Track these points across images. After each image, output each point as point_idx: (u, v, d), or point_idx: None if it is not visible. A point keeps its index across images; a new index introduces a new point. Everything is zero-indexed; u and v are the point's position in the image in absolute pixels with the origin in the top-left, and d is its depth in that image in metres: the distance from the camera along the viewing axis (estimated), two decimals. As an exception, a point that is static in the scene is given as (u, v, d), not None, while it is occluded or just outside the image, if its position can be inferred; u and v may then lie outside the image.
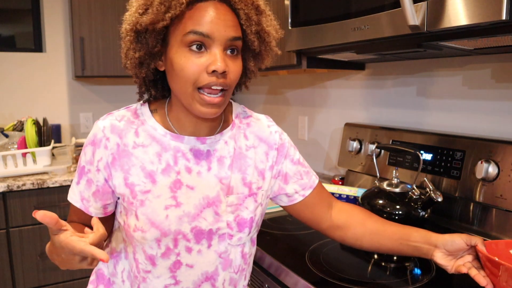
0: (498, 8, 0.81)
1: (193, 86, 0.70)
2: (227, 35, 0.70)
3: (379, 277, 0.91)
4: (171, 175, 0.77)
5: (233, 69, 0.72)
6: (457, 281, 0.90)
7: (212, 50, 0.70)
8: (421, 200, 1.14)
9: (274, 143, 0.88)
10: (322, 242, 1.11)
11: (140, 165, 0.76)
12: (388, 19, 1.05)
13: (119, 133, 0.77)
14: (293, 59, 1.56)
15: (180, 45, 0.70)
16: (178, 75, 0.71)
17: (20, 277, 1.93)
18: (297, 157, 0.93)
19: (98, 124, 0.78)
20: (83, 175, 0.79)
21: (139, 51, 0.72)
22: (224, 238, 0.80)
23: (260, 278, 1.08)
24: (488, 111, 1.28)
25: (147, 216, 0.75)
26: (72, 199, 0.80)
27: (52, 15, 2.59)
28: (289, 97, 2.30)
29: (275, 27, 0.79)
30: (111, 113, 0.79)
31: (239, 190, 0.81)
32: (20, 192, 1.89)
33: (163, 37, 0.72)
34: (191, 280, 0.80)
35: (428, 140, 1.34)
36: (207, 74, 0.70)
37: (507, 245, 0.87)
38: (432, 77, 1.45)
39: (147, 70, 0.75)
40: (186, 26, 0.69)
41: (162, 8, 0.67)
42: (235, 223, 0.80)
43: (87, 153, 0.78)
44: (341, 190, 1.47)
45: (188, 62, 0.69)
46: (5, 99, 2.51)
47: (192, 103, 0.72)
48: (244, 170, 0.83)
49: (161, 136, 0.78)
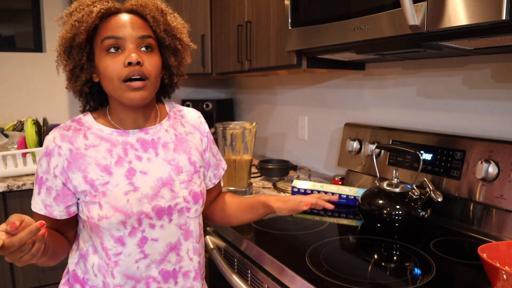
0: (498, 8, 0.81)
1: (118, 80, 0.84)
2: (136, 34, 0.85)
3: (379, 277, 0.91)
4: (124, 165, 0.89)
5: (148, 61, 0.86)
6: (457, 281, 0.90)
7: (126, 49, 0.85)
8: (421, 200, 1.14)
9: (204, 132, 1.05)
10: (322, 242, 1.11)
11: (95, 162, 0.87)
12: (388, 19, 1.04)
13: (69, 140, 0.87)
14: (293, 59, 1.56)
15: (101, 51, 0.85)
16: (105, 75, 0.85)
17: (20, 277, 1.93)
18: (215, 150, 1.10)
19: (48, 137, 0.88)
20: (42, 185, 0.88)
21: (69, 65, 0.87)
22: (183, 212, 0.93)
23: (260, 278, 1.08)
24: (488, 111, 1.28)
25: (110, 204, 0.85)
26: (36, 208, 0.89)
27: (52, 15, 2.59)
28: (289, 97, 2.30)
29: (181, 23, 0.95)
30: (58, 127, 0.90)
31: (187, 169, 0.95)
32: (20, 192, 1.89)
33: (88, 51, 0.87)
34: (157, 252, 0.90)
35: (428, 140, 1.34)
36: (125, 68, 0.84)
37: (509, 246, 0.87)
38: (432, 77, 1.44)
39: (81, 83, 0.89)
40: (102, 35, 0.85)
41: (77, 23, 0.84)
42: (190, 197, 0.94)
43: (42, 164, 0.87)
44: (341, 190, 1.47)
45: (110, 62, 0.84)
46: (5, 99, 2.51)
47: (122, 94, 0.85)
48: (188, 151, 0.97)
49: (109, 135, 0.91)
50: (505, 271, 0.74)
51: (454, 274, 0.93)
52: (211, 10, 2.26)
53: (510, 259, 0.86)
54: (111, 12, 0.86)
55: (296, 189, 1.53)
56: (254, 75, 2.45)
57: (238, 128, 1.62)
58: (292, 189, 1.54)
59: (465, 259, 1.01)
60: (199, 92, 3.06)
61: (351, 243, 1.11)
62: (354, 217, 1.34)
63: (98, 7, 0.85)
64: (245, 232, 1.20)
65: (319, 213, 1.38)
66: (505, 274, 0.74)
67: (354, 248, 1.08)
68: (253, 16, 1.85)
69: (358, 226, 1.25)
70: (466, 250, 1.07)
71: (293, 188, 1.53)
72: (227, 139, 1.64)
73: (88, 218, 0.87)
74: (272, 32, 1.71)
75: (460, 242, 1.13)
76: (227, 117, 2.86)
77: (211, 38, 2.28)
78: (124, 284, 0.88)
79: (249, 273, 1.14)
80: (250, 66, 1.91)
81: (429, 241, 1.13)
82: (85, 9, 0.85)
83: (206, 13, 2.26)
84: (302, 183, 1.53)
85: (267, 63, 1.76)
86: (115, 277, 0.88)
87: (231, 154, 1.64)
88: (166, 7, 0.93)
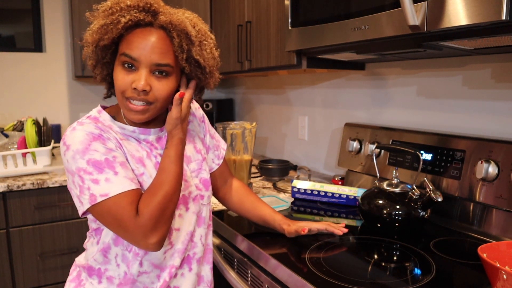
0: (498, 8, 0.81)
1: (122, 95, 0.85)
2: (152, 61, 0.83)
3: (379, 277, 0.91)
4: (152, 159, 0.92)
5: (158, 87, 0.85)
6: (457, 281, 0.90)
7: (139, 71, 0.83)
8: (421, 200, 1.14)
9: (200, 117, 1.09)
10: (322, 242, 1.11)
11: (130, 153, 0.88)
12: (388, 19, 1.04)
13: (104, 130, 0.86)
14: (293, 59, 1.56)
15: (118, 61, 0.85)
16: (115, 85, 0.86)
17: (20, 277, 1.93)
18: (212, 131, 1.12)
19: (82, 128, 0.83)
20: (113, 164, 0.82)
21: (91, 60, 0.88)
22: (197, 200, 0.98)
23: (260, 278, 1.08)
24: (488, 111, 1.28)
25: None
26: (125, 187, 0.80)
27: (52, 15, 2.59)
28: (289, 97, 2.30)
29: (212, 55, 0.90)
30: (82, 122, 0.86)
31: (195, 157, 1.00)
32: (20, 192, 1.89)
33: (113, 50, 0.87)
34: (180, 241, 0.94)
35: (428, 140, 1.34)
36: (131, 89, 0.84)
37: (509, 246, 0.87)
38: (432, 77, 1.44)
39: (101, 76, 0.91)
40: (122, 48, 0.84)
41: (102, 30, 0.83)
42: (201, 184, 1.00)
43: (98, 148, 0.81)
44: (341, 190, 1.47)
45: (120, 76, 0.84)
46: (5, 99, 2.51)
47: (124, 109, 0.87)
48: (192, 140, 1.02)
49: (131, 133, 0.92)
50: (505, 271, 0.74)
51: (454, 274, 0.93)
52: (211, 10, 2.26)
53: (510, 259, 0.86)
54: (140, 25, 0.83)
55: (296, 189, 1.53)
56: (254, 75, 2.45)
57: (238, 128, 1.62)
58: (292, 189, 1.54)
59: (465, 259, 1.01)
60: (199, 92, 3.06)
61: (351, 243, 1.11)
62: (354, 217, 1.34)
63: (126, 18, 0.81)
64: (245, 232, 1.20)
65: (319, 213, 1.38)
66: (505, 274, 0.74)
67: (354, 248, 1.08)
68: (253, 16, 1.85)
69: (358, 226, 1.25)
70: (466, 250, 1.07)
71: (293, 188, 1.53)
72: (227, 139, 1.64)
73: None
74: (272, 32, 1.71)
75: (460, 242, 1.13)
76: (227, 117, 2.86)
77: (211, 38, 2.28)
78: (150, 272, 0.92)
79: (249, 273, 1.14)
80: (250, 66, 1.91)
81: (429, 241, 1.13)
82: (116, 15, 0.82)
83: (206, 13, 2.26)
84: (302, 183, 1.53)
85: (267, 63, 1.76)
86: (143, 265, 0.90)
87: (231, 154, 1.64)
88: (197, 34, 0.86)
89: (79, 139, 0.81)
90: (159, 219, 0.80)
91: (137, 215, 0.80)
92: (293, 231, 1.09)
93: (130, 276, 0.91)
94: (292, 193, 1.55)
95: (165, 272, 0.93)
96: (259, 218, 1.15)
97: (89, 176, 0.79)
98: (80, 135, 0.81)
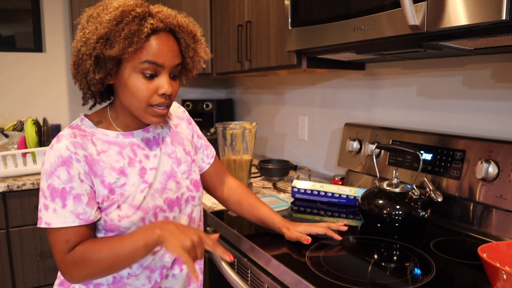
0: (498, 8, 0.81)
1: (146, 104, 0.86)
2: (174, 63, 0.86)
3: (379, 277, 0.91)
4: (135, 165, 0.92)
5: (175, 89, 0.90)
6: (457, 281, 0.90)
7: (161, 76, 0.85)
8: (421, 200, 1.14)
9: (187, 119, 1.11)
10: (322, 242, 1.11)
11: (109, 166, 0.88)
12: (388, 19, 1.04)
13: (82, 146, 0.86)
14: (293, 59, 1.56)
15: (135, 70, 0.83)
16: (133, 94, 0.85)
17: (20, 277, 1.93)
18: (199, 132, 1.14)
19: (56, 147, 0.83)
20: (66, 196, 0.83)
21: (98, 73, 0.83)
22: (189, 201, 1.00)
23: (260, 278, 1.08)
24: (488, 111, 1.28)
25: (129, 203, 0.88)
26: (66, 222, 0.83)
27: (52, 15, 2.59)
28: (289, 97, 2.30)
29: (205, 51, 0.96)
30: (61, 136, 0.86)
31: (185, 159, 1.01)
32: (20, 192, 1.89)
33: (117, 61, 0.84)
34: None
35: (428, 140, 1.34)
36: (157, 95, 0.86)
37: (509, 246, 0.87)
38: (432, 77, 1.45)
39: (101, 86, 0.87)
40: (142, 55, 0.82)
41: (126, 43, 0.79)
42: (192, 185, 1.01)
43: (61, 175, 0.82)
44: (341, 190, 1.47)
45: (143, 86, 0.84)
46: (5, 99, 2.51)
47: (144, 115, 0.88)
48: (182, 143, 1.03)
49: (115, 139, 0.92)
50: (505, 271, 0.74)
51: (454, 274, 0.93)
52: (211, 10, 2.26)
53: (510, 259, 0.86)
54: (156, 31, 0.83)
55: (296, 189, 1.53)
56: (254, 75, 2.45)
57: (238, 128, 1.62)
58: (292, 189, 1.54)
59: (465, 259, 1.01)
60: (199, 92, 3.06)
61: (351, 243, 1.11)
62: (354, 217, 1.34)
63: (148, 27, 0.80)
64: (245, 232, 1.20)
65: (319, 213, 1.38)
66: (505, 274, 0.74)
67: (354, 248, 1.08)
68: (253, 16, 1.85)
69: (358, 226, 1.25)
70: (466, 250, 1.07)
71: (293, 188, 1.53)
72: (227, 139, 1.64)
73: (106, 221, 0.87)
74: (272, 32, 1.71)
75: (460, 242, 1.13)
76: (227, 117, 2.86)
77: (211, 38, 2.28)
78: (139, 274, 0.92)
79: (249, 273, 1.14)
80: (250, 66, 1.91)
81: (429, 241, 1.13)
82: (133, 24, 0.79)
83: (206, 13, 2.26)
84: (302, 183, 1.53)
85: (267, 63, 1.76)
86: (132, 267, 0.91)
87: (231, 154, 1.64)
88: (199, 33, 0.93)
89: (50, 160, 0.83)
90: (85, 276, 0.83)
91: (68, 252, 0.83)
92: (294, 238, 1.08)
93: (119, 279, 0.91)
94: (292, 193, 1.55)
95: (156, 273, 0.93)
96: (258, 220, 1.15)
97: (44, 200, 0.84)
98: (52, 156, 0.83)
